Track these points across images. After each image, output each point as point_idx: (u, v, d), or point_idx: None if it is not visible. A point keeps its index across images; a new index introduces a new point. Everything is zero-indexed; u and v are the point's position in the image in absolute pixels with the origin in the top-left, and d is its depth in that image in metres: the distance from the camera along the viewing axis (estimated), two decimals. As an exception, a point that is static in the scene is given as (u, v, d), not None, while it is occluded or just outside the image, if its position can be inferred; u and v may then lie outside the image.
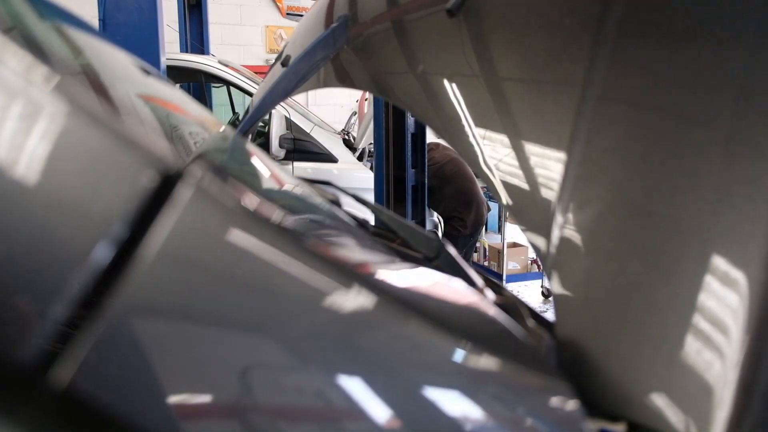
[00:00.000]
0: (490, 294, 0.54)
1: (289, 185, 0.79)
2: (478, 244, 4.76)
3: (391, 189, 2.83)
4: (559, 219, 0.50)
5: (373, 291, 0.32)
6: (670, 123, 0.49)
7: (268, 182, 0.71)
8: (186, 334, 0.26)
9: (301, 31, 1.37)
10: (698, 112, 0.48)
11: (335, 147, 3.88)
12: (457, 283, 0.44)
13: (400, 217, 0.76)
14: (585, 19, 0.58)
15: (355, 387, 0.30)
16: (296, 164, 3.78)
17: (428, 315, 0.33)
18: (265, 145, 3.71)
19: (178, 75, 4.23)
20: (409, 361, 0.32)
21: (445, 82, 0.71)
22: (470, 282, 0.56)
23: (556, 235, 0.50)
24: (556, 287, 0.48)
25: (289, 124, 3.80)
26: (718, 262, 0.42)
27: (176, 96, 0.92)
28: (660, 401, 0.40)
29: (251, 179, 0.68)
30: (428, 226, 3.89)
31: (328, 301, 0.30)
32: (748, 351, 0.39)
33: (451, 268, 0.60)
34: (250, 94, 3.81)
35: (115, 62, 0.78)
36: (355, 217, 0.81)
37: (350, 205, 0.93)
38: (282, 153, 3.73)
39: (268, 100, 1.45)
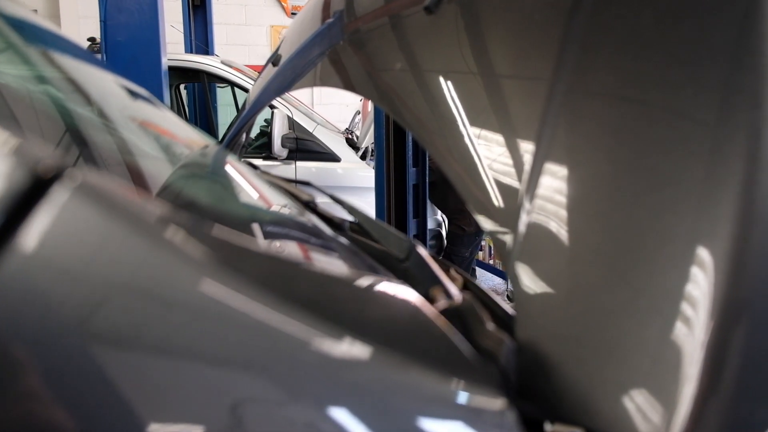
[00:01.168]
0: (455, 294, 0.52)
1: (265, 197, 0.78)
2: (483, 243, 4.74)
3: (392, 188, 2.81)
4: (523, 219, 0.49)
5: (281, 298, 0.31)
6: (636, 121, 0.48)
7: (236, 194, 0.70)
8: (48, 342, 0.24)
9: (296, 28, 1.36)
10: (665, 111, 0.46)
11: (338, 146, 3.87)
12: (400, 289, 0.43)
13: (373, 218, 0.75)
14: (555, 14, 0.57)
15: (241, 396, 0.28)
16: (299, 164, 3.77)
17: (352, 324, 0.32)
18: (267, 145, 3.70)
19: (181, 76, 4.24)
20: (319, 373, 0.31)
21: (418, 78, 0.70)
22: (437, 283, 0.55)
23: (519, 235, 0.49)
24: (517, 288, 0.47)
25: (292, 123, 3.79)
26: (683, 262, 0.41)
27: (152, 113, 0.92)
28: (617, 408, 0.39)
29: (210, 191, 0.67)
30: (431, 224, 3.86)
31: (220, 309, 0.29)
32: (707, 362, 0.37)
33: (421, 269, 0.59)
34: (254, 94, 3.81)
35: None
36: (330, 217, 0.80)
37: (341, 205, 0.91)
38: (284, 153, 3.73)
39: (262, 98, 1.45)
